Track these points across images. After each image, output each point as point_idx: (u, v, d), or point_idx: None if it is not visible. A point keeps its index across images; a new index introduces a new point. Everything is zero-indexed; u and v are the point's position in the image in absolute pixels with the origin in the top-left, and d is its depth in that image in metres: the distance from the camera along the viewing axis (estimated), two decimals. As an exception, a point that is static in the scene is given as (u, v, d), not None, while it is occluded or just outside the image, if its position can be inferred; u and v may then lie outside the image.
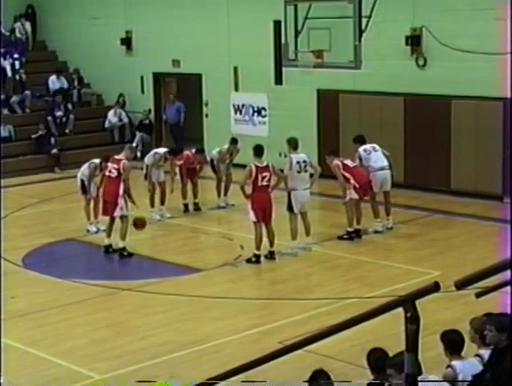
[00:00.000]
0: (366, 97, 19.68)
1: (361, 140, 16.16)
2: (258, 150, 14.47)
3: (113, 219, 14.94)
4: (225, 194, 18.08)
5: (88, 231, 16.10)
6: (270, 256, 14.38)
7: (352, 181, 15.25)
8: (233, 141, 18.33)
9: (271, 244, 14.34)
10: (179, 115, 24.34)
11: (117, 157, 15.08)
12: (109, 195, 14.86)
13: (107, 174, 15.03)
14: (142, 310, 12.26)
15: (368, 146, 16.03)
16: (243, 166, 18.45)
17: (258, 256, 14.21)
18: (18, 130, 23.28)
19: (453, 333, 6.92)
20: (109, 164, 15.02)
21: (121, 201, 14.69)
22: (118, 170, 14.78)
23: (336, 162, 15.42)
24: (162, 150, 17.72)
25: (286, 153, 15.21)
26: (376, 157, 15.87)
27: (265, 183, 14.18)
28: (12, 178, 20.82)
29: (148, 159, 17.42)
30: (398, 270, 13.63)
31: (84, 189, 16.10)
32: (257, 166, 14.18)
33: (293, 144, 14.93)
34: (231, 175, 18.12)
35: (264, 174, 14.16)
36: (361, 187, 15.36)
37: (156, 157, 17.32)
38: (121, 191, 14.71)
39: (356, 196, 15.31)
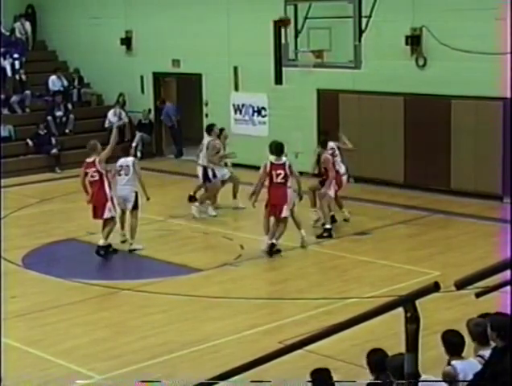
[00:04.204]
0: (366, 97, 19.68)
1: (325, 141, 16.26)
2: (274, 149, 14.59)
3: (105, 221, 14.82)
4: (235, 196, 17.94)
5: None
6: (270, 249, 14.45)
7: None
8: (220, 131, 17.95)
9: (277, 237, 14.51)
10: (169, 118, 24.31)
11: (88, 160, 14.80)
12: (97, 199, 14.65)
13: (90, 179, 14.72)
14: (141, 310, 12.26)
15: (329, 150, 16.10)
16: (244, 166, 18.53)
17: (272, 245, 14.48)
18: (18, 130, 23.29)
19: (454, 335, 6.89)
20: (87, 170, 14.75)
21: (109, 203, 14.60)
22: (98, 171, 14.61)
23: (327, 155, 15.57)
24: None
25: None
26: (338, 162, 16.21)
27: (280, 180, 14.35)
28: (12, 178, 20.81)
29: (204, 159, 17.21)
30: (398, 270, 13.63)
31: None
32: (272, 163, 14.43)
33: (271, 148, 14.80)
34: (236, 178, 17.95)
35: (278, 171, 14.37)
36: (336, 183, 15.75)
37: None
38: (107, 191, 14.60)
39: (332, 194, 15.53)
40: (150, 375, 9.78)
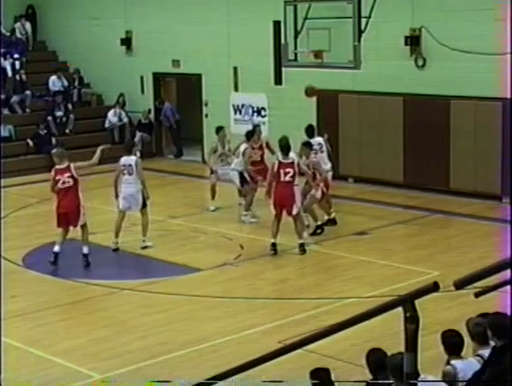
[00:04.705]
0: (366, 97, 19.70)
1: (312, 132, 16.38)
2: (280, 147, 14.76)
3: (67, 230, 14.34)
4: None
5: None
6: (300, 248, 14.55)
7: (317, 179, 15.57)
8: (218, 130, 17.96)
9: (299, 235, 14.57)
10: (167, 118, 24.38)
11: (60, 166, 14.17)
12: (71, 205, 14.11)
13: (61, 186, 14.06)
14: (141, 310, 12.27)
15: (316, 145, 16.12)
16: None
17: (273, 244, 14.49)
18: (19, 130, 23.32)
19: (452, 335, 6.90)
20: (58, 176, 14.09)
21: (82, 210, 14.19)
22: (72, 176, 14.10)
23: (314, 159, 15.54)
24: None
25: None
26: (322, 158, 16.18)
27: (288, 179, 14.41)
28: (12, 178, 20.82)
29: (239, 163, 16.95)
30: (398, 270, 13.65)
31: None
32: (280, 162, 14.49)
33: (280, 146, 14.98)
34: None
35: (287, 169, 14.44)
36: (324, 185, 15.70)
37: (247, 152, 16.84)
38: (81, 198, 14.14)
39: (319, 196, 15.48)
40: (150, 374, 9.80)
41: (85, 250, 14.37)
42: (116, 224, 15.12)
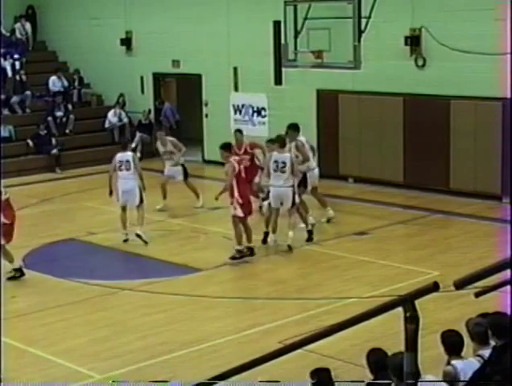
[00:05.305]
0: (366, 97, 19.70)
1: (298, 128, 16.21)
2: (279, 143, 14.85)
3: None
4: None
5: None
6: (250, 251, 14.39)
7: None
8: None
9: (249, 239, 14.38)
10: (167, 118, 24.42)
11: None
12: (11, 214, 13.61)
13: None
14: (141, 310, 12.27)
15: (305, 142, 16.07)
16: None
17: (251, 249, 14.34)
18: (19, 130, 23.31)
19: (452, 335, 6.91)
20: None
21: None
22: None
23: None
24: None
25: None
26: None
27: (244, 175, 14.43)
28: (12, 178, 20.77)
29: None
30: (398, 270, 13.65)
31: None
32: (238, 159, 14.61)
33: (277, 142, 15.06)
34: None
35: (244, 163, 14.84)
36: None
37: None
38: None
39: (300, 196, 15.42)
40: (150, 374, 9.80)
41: (17, 264, 13.64)
42: (121, 218, 15.28)
